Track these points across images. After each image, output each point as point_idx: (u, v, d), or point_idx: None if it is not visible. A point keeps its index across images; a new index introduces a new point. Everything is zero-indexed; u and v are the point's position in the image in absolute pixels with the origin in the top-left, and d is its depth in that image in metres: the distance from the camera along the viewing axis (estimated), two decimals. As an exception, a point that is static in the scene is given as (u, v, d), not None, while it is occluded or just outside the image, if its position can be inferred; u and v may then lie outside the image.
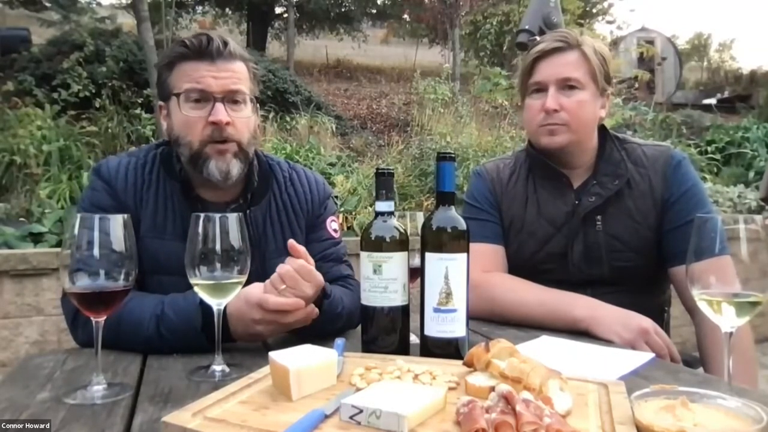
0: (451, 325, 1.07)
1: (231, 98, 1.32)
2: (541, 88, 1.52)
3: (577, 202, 1.53)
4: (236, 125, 1.31)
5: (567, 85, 1.49)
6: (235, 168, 1.33)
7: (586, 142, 1.55)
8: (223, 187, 1.36)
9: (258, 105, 1.41)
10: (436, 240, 1.08)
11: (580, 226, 1.52)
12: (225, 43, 1.32)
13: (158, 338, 1.16)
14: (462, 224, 1.09)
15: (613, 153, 1.56)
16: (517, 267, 1.56)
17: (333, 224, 1.52)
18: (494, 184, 1.63)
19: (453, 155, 1.11)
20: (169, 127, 1.37)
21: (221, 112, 1.29)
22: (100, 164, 1.41)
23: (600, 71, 1.50)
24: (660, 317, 1.60)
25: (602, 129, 1.60)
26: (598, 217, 1.51)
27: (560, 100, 1.49)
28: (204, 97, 1.30)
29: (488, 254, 1.55)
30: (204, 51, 1.30)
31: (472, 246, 1.13)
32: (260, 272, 1.25)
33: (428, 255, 1.08)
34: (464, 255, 1.08)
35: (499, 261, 1.57)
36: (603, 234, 1.51)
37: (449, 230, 1.08)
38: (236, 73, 1.33)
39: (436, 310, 1.07)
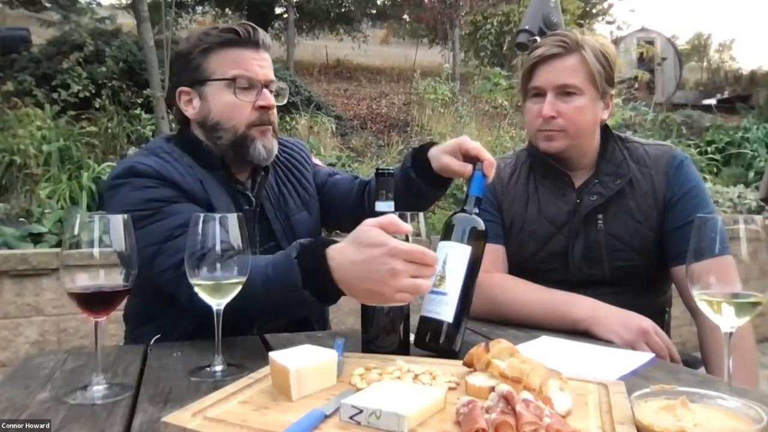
0: (438, 307, 1.11)
1: (269, 87, 1.40)
2: (540, 93, 1.52)
3: (578, 201, 1.53)
4: (273, 111, 1.42)
5: (565, 91, 1.49)
6: (276, 147, 1.44)
7: (586, 145, 1.55)
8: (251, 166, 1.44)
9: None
10: (446, 230, 1.17)
11: (581, 226, 1.52)
12: (265, 33, 1.41)
13: (270, 305, 1.11)
14: (477, 223, 1.17)
15: (615, 153, 1.56)
16: (518, 267, 1.56)
17: (317, 160, 1.72)
18: (495, 184, 1.63)
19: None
20: (201, 113, 1.38)
21: (270, 97, 1.39)
22: (132, 166, 1.29)
23: (600, 74, 1.49)
24: (660, 318, 1.60)
25: (605, 129, 1.60)
26: (600, 216, 1.51)
27: (558, 107, 1.49)
28: (252, 84, 1.37)
29: (488, 254, 1.55)
30: (251, 39, 1.38)
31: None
32: (286, 229, 1.46)
33: (439, 243, 1.15)
34: (467, 248, 1.13)
35: (499, 261, 1.57)
36: (604, 233, 1.51)
37: (460, 223, 1.16)
38: (270, 63, 1.43)
39: (430, 292, 1.11)
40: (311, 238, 1.18)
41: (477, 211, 1.18)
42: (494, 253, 1.56)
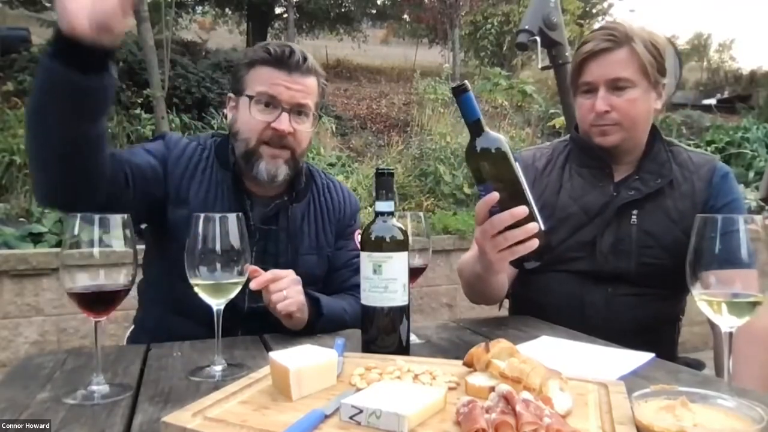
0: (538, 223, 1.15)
1: (297, 110, 1.41)
2: (591, 89, 1.51)
3: (615, 194, 1.53)
4: (296, 136, 1.41)
5: (617, 85, 1.48)
6: (283, 173, 1.43)
7: (639, 136, 1.55)
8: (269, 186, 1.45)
9: (318, 118, 1.52)
10: (488, 159, 1.14)
11: (614, 218, 1.51)
12: (305, 58, 1.41)
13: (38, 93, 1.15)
14: (501, 143, 1.14)
15: (660, 153, 1.56)
16: None
17: (358, 237, 1.60)
18: (529, 172, 1.61)
19: (466, 85, 1.15)
20: (233, 120, 1.46)
21: (285, 122, 1.39)
22: (167, 133, 1.60)
23: (651, 65, 1.48)
24: (673, 326, 1.60)
25: (653, 128, 1.59)
26: (634, 212, 1.51)
27: (610, 101, 1.48)
28: (273, 103, 1.39)
29: None
30: (284, 60, 1.39)
31: None
32: (291, 265, 1.37)
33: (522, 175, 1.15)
34: (517, 166, 1.16)
35: None
36: (636, 228, 1.50)
37: (496, 148, 1.14)
38: (307, 88, 1.42)
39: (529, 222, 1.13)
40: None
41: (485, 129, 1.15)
42: None
